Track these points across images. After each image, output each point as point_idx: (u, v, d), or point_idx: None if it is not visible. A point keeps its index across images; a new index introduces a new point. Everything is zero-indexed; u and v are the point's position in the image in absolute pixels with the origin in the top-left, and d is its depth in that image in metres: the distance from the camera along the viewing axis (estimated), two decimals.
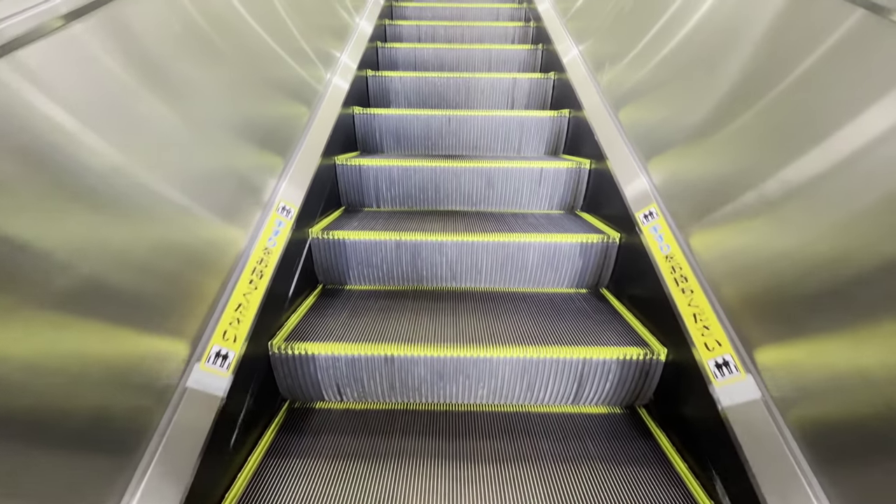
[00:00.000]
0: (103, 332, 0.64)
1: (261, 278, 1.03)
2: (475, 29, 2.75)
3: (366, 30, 2.25)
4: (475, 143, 1.97)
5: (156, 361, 0.74)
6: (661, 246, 1.12)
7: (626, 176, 1.36)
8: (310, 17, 1.65)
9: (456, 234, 1.37)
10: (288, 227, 1.18)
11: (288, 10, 1.45)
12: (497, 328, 1.18)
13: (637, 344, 1.10)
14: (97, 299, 0.63)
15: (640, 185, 1.29)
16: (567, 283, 1.44)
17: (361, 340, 1.11)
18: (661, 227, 1.15)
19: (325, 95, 1.65)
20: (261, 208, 1.15)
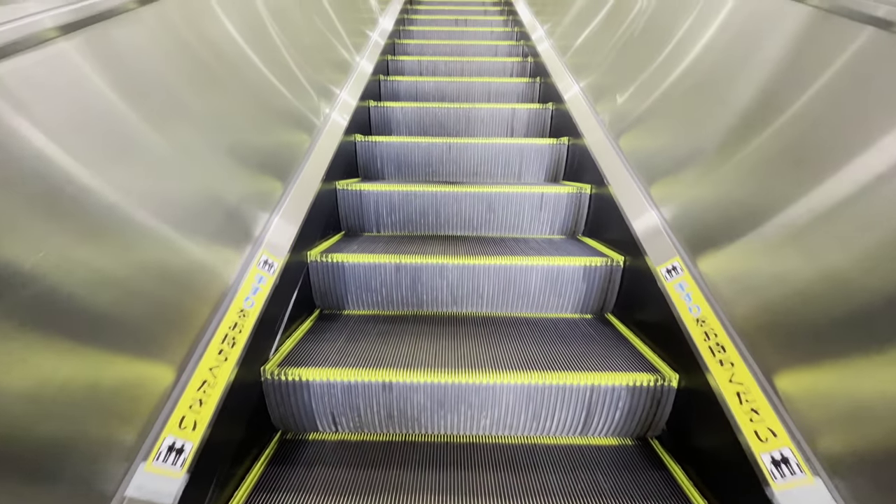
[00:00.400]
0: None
1: (233, 346, 0.89)
2: (474, 64, 2.84)
3: (367, 68, 2.31)
4: (475, 170, 1.98)
5: (87, 464, 0.59)
6: (690, 307, 0.98)
7: (630, 203, 1.35)
8: (312, 53, 1.70)
9: (457, 258, 1.35)
10: (270, 282, 1.05)
11: (290, 45, 1.49)
12: (500, 354, 1.14)
13: (647, 369, 1.05)
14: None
15: (650, 220, 1.23)
16: (571, 307, 1.40)
17: (358, 366, 1.06)
18: (687, 284, 1.02)
19: (326, 125, 1.67)
20: (241, 257, 1.03)
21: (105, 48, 0.72)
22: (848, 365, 0.65)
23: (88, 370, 0.60)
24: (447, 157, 1.96)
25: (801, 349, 0.73)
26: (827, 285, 0.69)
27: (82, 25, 0.66)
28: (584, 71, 2.02)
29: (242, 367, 0.90)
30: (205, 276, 0.90)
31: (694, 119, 1.14)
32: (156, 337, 0.74)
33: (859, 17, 0.71)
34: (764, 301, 0.82)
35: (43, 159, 0.57)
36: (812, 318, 0.71)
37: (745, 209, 0.90)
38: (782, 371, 0.77)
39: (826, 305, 0.69)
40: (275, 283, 1.06)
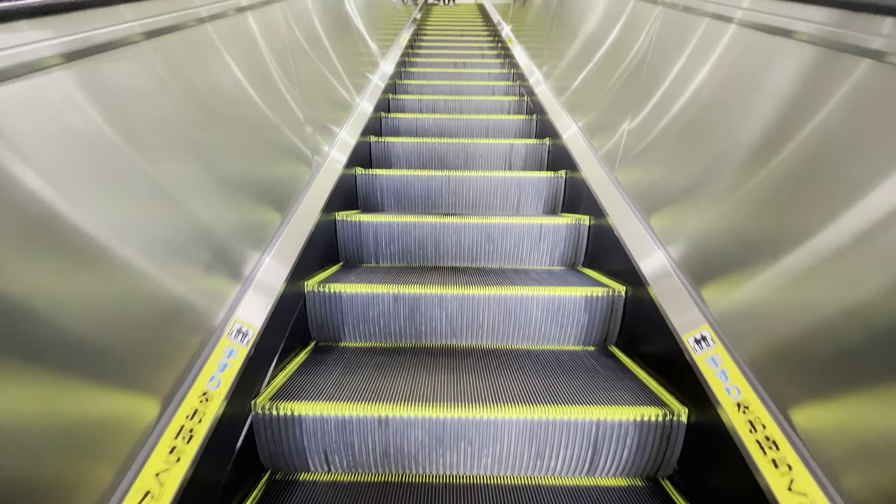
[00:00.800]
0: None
1: (188, 442, 0.74)
2: (472, 102, 2.93)
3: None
4: (474, 202, 2.00)
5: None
6: (728, 387, 0.84)
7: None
8: (314, 92, 1.75)
9: (456, 288, 1.33)
10: (242, 355, 0.90)
11: (292, 86, 1.54)
12: (501, 387, 1.09)
13: (654, 403, 1.01)
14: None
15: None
16: (573, 339, 1.36)
17: (354, 400, 1.01)
18: (722, 359, 0.88)
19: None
20: (211, 323, 0.88)
21: (94, 80, 0.66)
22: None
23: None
24: (446, 190, 1.98)
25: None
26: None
27: (75, 57, 0.63)
28: (580, 109, 2.08)
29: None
30: (157, 357, 0.74)
31: (691, 154, 1.16)
32: (96, 436, 0.60)
33: (855, 51, 0.73)
34: (824, 383, 0.68)
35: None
36: None
37: (750, 239, 0.89)
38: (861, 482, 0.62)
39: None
40: (246, 358, 0.92)
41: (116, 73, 0.70)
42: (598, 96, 1.89)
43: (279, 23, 1.42)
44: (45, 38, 0.58)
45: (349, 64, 2.26)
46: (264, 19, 1.27)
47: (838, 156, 0.71)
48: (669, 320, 1.05)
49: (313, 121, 1.60)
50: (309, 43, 1.67)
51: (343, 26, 2.30)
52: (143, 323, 0.70)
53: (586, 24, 2.25)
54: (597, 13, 2.14)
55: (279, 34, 1.40)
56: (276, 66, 1.31)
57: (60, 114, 0.60)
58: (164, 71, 0.81)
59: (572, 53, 2.36)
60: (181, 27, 0.88)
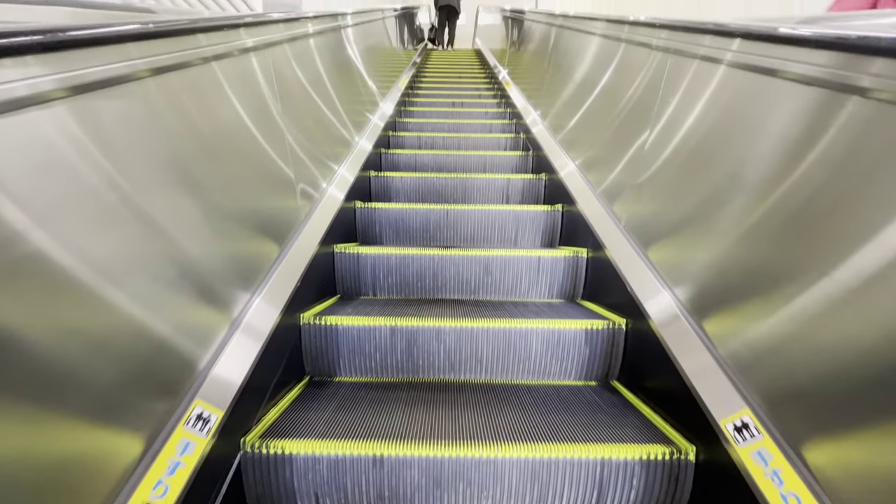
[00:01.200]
0: None
1: (172, 474, 0.69)
2: (470, 139, 3.01)
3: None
4: (472, 235, 2.01)
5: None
6: (783, 493, 0.70)
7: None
8: (314, 130, 1.80)
9: (454, 321, 1.31)
10: (200, 449, 0.77)
11: (292, 125, 1.58)
12: (501, 424, 1.05)
13: (660, 441, 0.97)
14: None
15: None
16: (574, 374, 1.33)
17: (347, 438, 0.97)
18: (772, 455, 0.73)
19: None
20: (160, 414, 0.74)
21: (78, 118, 0.62)
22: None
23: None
24: (444, 223, 2.00)
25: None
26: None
27: (67, 95, 0.60)
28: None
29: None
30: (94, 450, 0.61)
31: (686, 189, 1.18)
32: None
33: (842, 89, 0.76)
34: None
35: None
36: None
37: (754, 274, 0.89)
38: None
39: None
40: (203, 461, 0.77)
41: (104, 108, 0.67)
42: (594, 134, 1.94)
43: (283, 63, 1.48)
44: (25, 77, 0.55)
45: (351, 104, 2.34)
46: (265, 61, 1.32)
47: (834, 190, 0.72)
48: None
49: (313, 156, 1.64)
50: (311, 84, 1.74)
51: (345, 68, 2.40)
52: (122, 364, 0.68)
53: (582, 67, 2.35)
54: (592, 57, 2.24)
55: (281, 74, 1.45)
56: (276, 106, 1.35)
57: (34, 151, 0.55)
58: (154, 106, 0.80)
59: (568, 94, 2.46)
60: (182, 66, 0.91)
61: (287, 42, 1.51)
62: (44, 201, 0.56)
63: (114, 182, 0.67)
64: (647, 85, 1.49)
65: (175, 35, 0.86)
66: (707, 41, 1.15)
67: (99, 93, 0.66)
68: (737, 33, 1.03)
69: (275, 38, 1.39)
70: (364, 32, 2.97)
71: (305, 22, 1.74)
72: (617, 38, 1.84)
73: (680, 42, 1.30)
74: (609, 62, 1.93)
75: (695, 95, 1.17)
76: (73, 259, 0.58)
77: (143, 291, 0.72)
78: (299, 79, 1.61)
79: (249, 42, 1.19)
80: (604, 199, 1.67)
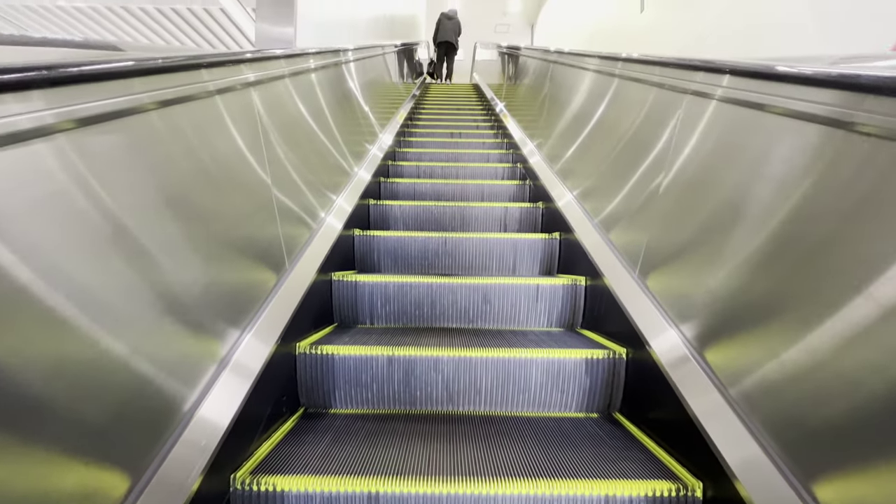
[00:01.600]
0: None
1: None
2: (468, 168, 3.06)
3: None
4: (470, 263, 2.01)
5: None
6: None
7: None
8: (313, 161, 1.83)
9: (453, 350, 1.29)
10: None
11: (292, 156, 1.62)
12: (501, 458, 1.02)
13: (666, 476, 0.94)
14: None
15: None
16: (575, 405, 1.30)
17: (342, 473, 0.94)
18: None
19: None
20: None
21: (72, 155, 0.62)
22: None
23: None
24: (443, 251, 2.00)
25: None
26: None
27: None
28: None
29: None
30: None
31: (684, 216, 1.19)
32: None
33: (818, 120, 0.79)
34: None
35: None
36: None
37: (755, 305, 0.89)
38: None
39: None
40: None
41: (88, 144, 0.65)
42: (591, 164, 1.98)
43: (283, 96, 1.53)
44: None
45: (349, 135, 2.39)
46: (267, 94, 1.36)
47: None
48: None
49: (311, 185, 1.66)
50: (311, 116, 1.78)
51: (345, 101, 2.47)
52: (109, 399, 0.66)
53: (577, 100, 2.42)
54: (586, 91, 2.32)
55: (278, 106, 1.49)
56: (276, 136, 1.38)
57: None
58: (141, 140, 0.78)
59: (564, 126, 2.52)
60: (186, 99, 0.93)
61: (289, 77, 1.56)
62: (21, 236, 0.53)
63: (97, 215, 0.66)
64: (643, 118, 1.54)
65: (145, 74, 0.77)
66: (699, 77, 1.19)
67: (89, 129, 0.65)
68: (724, 69, 1.07)
69: (275, 73, 1.43)
70: (364, 67, 3.07)
71: (307, 58, 1.80)
72: (610, 74, 1.91)
73: (671, 78, 1.35)
74: (603, 96, 2.00)
75: (692, 128, 1.20)
76: (52, 293, 0.56)
77: (130, 326, 0.71)
78: (298, 111, 1.65)
79: (251, 77, 1.22)
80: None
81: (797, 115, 0.83)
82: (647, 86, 1.52)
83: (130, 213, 0.72)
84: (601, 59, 2.05)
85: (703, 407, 0.92)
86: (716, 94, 1.10)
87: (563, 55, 2.78)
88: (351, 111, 2.55)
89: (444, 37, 7.19)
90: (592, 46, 5.43)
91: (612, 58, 1.89)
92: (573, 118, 2.38)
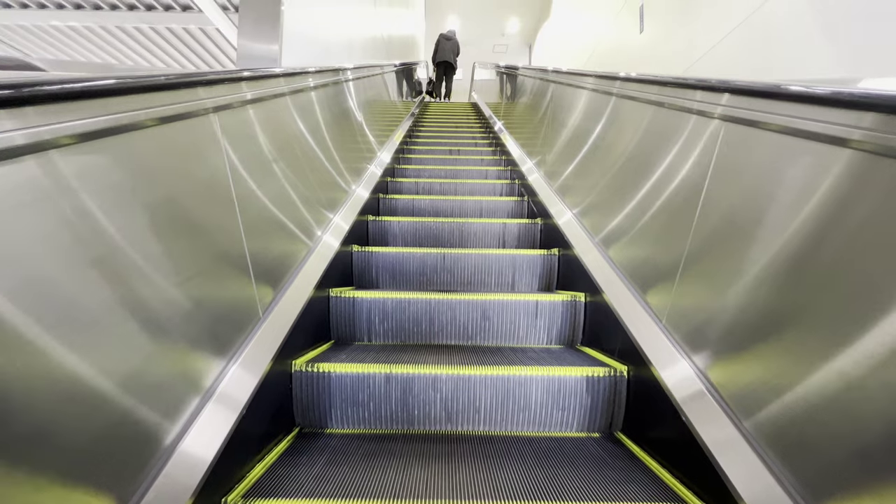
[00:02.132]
0: None
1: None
2: (466, 185, 3.08)
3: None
4: (469, 279, 2.00)
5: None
6: None
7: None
8: (310, 178, 1.84)
9: (451, 368, 1.27)
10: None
11: (290, 172, 1.62)
12: (501, 480, 0.99)
13: (669, 499, 0.91)
14: None
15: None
16: (577, 425, 1.28)
17: (337, 497, 0.91)
18: None
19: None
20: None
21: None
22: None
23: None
24: (441, 267, 2.00)
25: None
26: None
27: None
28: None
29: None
30: None
31: (683, 232, 1.19)
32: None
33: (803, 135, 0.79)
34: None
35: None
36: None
37: (756, 323, 0.88)
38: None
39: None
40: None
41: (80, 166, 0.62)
42: (589, 181, 1.99)
43: (285, 111, 1.54)
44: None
45: (347, 152, 2.41)
46: (266, 113, 1.37)
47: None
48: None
49: (308, 202, 1.66)
50: (309, 132, 1.80)
51: (345, 118, 2.49)
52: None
53: (576, 118, 2.45)
54: (584, 109, 2.35)
55: (277, 124, 1.50)
56: (270, 154, 1.39)
57: None
58: (127, 157, 0.75)
59: (563, 144, 2.54)
60: (183, 117, 0.94)
61: (289, 95, 1.58)
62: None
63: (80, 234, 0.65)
64: (642, 135, 1.55)
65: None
66: (699, 95, 1.18)
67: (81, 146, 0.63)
68: (720, 88, 1.09)
69: (238, 97, 1.44)
70: (364, 86, 3.11)
71: (306, 77, 1.82)
72: (608, 93, 1.93)
73: (669, 97, 1.36)
74: (602, 113, 2.02)
75: (692, 145, 1.21)
76: (24, 315, 0.53)
77: (111, 347, 0.69)
78: (297, 129, 1.66)
79: (248, 95, 1.24)
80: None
81: (811, 135, 0.80)
82: (645, 104, 1.54)
83: (122, 231, 0.72)
84: (599, 78, 2.08)
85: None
86: (716, 112, 1.11)
87: (561, 74, 2.82)
88: (350, 129, 2.57)
89: (443, 57, 7.43)
90: (591, 66, 5.54)
91: (609, 77, 1.92)
92: (573, 136, 2.40)
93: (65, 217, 0.61)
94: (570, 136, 2.43)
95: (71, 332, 0.59)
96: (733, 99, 1.03)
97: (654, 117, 1.47)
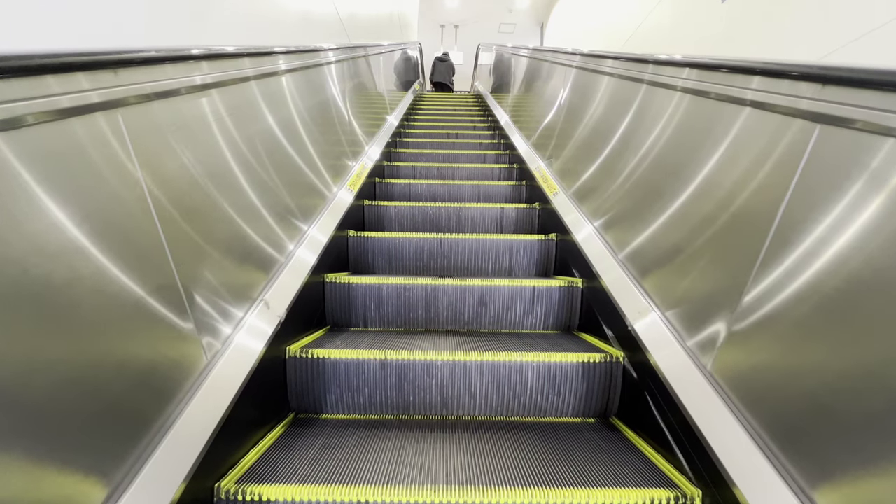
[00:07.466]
0: None
1: None
2: (464, 169, 3.04)
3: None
4: (466, 265, 1.98)
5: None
6: None
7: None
8: (296, 176, 1.80)
9: (447, 354, 1.26)
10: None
11: (271, 161, 1.58)
12: (496, 466, 0.99)
13: (664, 484, 0.91)
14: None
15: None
16: (572, 410, 1.28)
17: (331, 482, 0.91)
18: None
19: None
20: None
21: None
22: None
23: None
24: (438, 252, 1.98)
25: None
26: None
27: None
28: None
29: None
30: None
31: (684, 217, 1.17)
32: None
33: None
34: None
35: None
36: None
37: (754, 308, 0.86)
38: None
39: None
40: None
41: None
42: (590, 164, 1.96)
43: (284, 90, 1.49)
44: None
45: (349, 134, 2.36)
46: (269, 89, 1.33)
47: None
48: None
49: (301, 187, 1.63)
50: (309, 114, 1.75)
51: (334, 108, 2.44)
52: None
53: (576, 101, 2.40)
54: (588, 92, 2.29)
55: (281, 100, 1.46)
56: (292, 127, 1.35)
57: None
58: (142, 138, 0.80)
59: (560, 125, 2.50)
60: (176, 94, 0.90)
61: (289, 73, 1.53)
62: None
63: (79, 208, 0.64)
64: (635, 113, 1.51)
65: None
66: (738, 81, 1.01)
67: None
68: (749, 69, 1.05)
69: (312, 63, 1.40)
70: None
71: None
72: (620, 76, 1.86)
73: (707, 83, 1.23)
74: (603, 96, 1.97)
75: (696, 130, 1.18)
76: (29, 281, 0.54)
77: (112, 326, 0.68)
78: (290, 113, 1.62)
79: (246, 74, 1.19)
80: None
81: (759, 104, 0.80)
82: (657, 88, 1.50)
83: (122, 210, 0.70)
84: (616, 60, 1.77)
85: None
86: (747, 97, 1.02)
87: (586, 58, 2.23)
88: (339, 116, 2.51)
89: (439, 78, 7.93)
90: (621, 48, 4.82)
91: (640, 59, 1.52)
92: (574, 117, 2.35)
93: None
94: (572, 117, 2.38)
95: (69, 317, 0.58)
96: (766, 82, 0.97)
97: (664, 98, 1.43)
